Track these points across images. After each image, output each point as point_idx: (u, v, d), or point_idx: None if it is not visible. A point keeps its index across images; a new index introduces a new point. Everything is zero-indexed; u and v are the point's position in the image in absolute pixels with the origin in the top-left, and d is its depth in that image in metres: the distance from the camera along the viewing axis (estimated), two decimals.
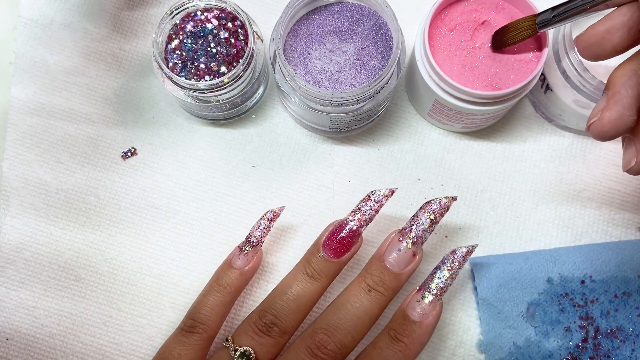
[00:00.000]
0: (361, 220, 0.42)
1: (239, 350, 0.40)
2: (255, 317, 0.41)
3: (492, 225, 0.51)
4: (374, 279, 0.40)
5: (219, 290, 0.43)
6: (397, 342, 0.39)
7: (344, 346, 0.39)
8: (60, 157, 0.51)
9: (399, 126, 0.53)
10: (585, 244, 0.50)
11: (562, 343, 0.47)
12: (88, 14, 0.54)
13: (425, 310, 0.40)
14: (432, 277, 0.41)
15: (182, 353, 0.41)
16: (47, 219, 0.50)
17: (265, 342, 0.40)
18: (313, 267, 0.41)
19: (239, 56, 0.47)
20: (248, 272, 0.44)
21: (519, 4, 0.46)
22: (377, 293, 0.40)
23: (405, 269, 0.40)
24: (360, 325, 0.39)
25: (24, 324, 0.49)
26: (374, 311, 0.40)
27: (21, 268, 0.50)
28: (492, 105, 0.45)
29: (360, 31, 0.46)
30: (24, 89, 0.52)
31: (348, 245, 0.41)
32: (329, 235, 0.42)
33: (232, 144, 0.52)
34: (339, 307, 0.40)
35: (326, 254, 0.41)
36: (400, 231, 0.41)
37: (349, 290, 0.41)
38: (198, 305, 0.43)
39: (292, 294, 0.41)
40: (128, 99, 0.53)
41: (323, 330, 0.39)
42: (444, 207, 0.41)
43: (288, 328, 0.41)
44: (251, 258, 0.44)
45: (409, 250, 0.40)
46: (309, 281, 0.41)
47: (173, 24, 0.47)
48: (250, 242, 0.44)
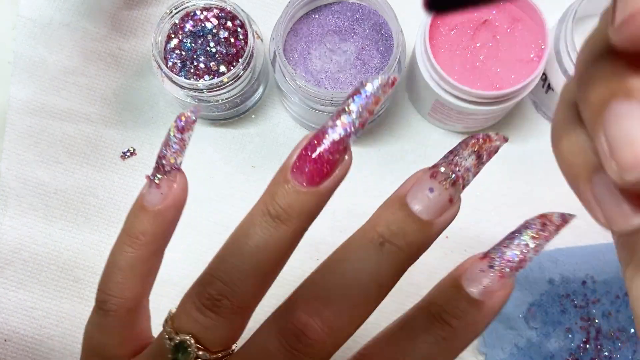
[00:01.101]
0: (346, 124, 0.25)
1: (175, 339, 0.26)
2: (198, 287, 0.27)
3: (493, 226, 0.51)
4: (391, 227, 0.25)
5: (128, 242, 0.29)
6: (441, 323, 0.25)
7: (336, 330, 0.25)
8: (59, 157, 0.51)
9: (399, 126, 0.53)
10: (586, 244, 0.50)
11: (563, 344, 0.47)
12: (87, 13, 0.53)
13: (491, 286, 0.25)
14: (506, 244, 0.27)
15: (103, 340, 0.29)
16: (45, 220, 0.50)
17: (211, 324, 0.26)
18: (278, 203, 0.25)
19: (238, 56, 0.47)
20: (166, 210, 0.29)
21: (521, 4, 0.46)
22: (394, 248, 0.25)
23: (437, 219, 0.25)
24: (363, 297, 0.25)
25: (22, 325, 0.48)
26: (385, 277, 0.25)
27: (19, 269, 0.49)
28: (493, 105, 0.45)
29: (360, 31, 0.46)
30: (23, 88, 0.52)
31: (330, 164, 0.25)
32: (301, 152, 0.25)
33: (232, 144, 0.52)
34: (332, 269, 0.25)
35: (296, 179, 0.25)
36: (431, 167, 0.26)
37: (349, 245, 0.26)
38: (106, 269, 0.29)
39: (248, 248, 0.26)
40: (127, 98, 0.52)
41: (303, 305, 0.25)
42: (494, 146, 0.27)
43: (245, 300, 0.26)
44: (167, 191, 0.28)
45: (445, 193, 0.25)
46: (273, 225, 0.25)
47: (172, 24, 0.47)
48: (161, 168, 0.28)
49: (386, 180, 0.51)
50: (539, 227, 0.27)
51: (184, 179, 0.29)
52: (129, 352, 0.29)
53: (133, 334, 0.30)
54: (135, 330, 0.30)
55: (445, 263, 0.50)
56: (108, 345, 0.29)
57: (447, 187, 0.25)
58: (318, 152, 0.25)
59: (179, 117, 0.28)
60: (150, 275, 0.31)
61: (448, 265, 0.53)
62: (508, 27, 0.46)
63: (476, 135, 0.27)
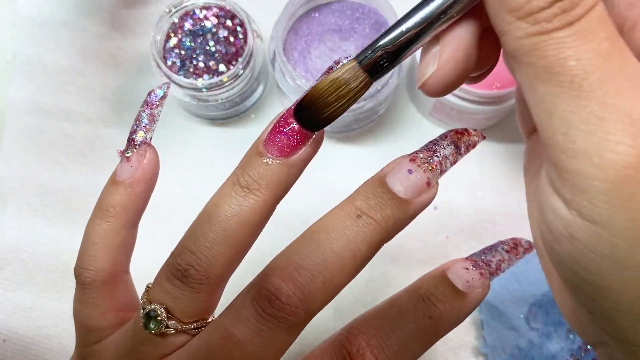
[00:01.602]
0: None
1: (146, 309, 0.27)
2: (170, 258, 0.27)
3: (493, 226, 0.50)
4: (368, 202, 0.26)
5: (100, 214, 0.30)
6: (428, 304, 0.27)
7: (309, 297, 0.24)
8: (57, 156, 0.51)
9: (400, 126, 0.52)
10: None
11: (564, 345, 0.47)
12: (86, 12, 0.53)
13: (473, 281, 0.28)
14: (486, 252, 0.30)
15: (85, 313, 0.30)
16: (44, 220, 0.50)
17: (180, 294, 0.26)
18: (249, 174, 0.27)
19: (238, 55, 0.46)
20: (136, 182, 0.30)
21: None
22: (370, 220, 0.25)
23: (415, 199, 0.26)
24: (338, 265, 0.24)
25: (21, 325, 0.48)
26: (360, 248, 0.25)
27: (18, 269, 0.49)
28: (494, 104, 0.45)
29: (360, 29, 0.46)
30: (22, 88, 0.52)
31: (301, 136, 0.27)
32: (273, 128, 0.27)
33: (231, 144, 0.52)
34: (309, 238, 0.25)
35: (267, 151, 0.27)
36: (412, 153, 0.28)
37: (326, 216, 0.26)
38: (82, 244, 0.31)
39: (216, 217, 0.26)
40: (126, 98, 0.52)
41: (278, 271, 0.25)
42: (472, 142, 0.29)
43: (212, 270, 0.26)
44: (137, 164, 0.30)
45: (424, 175, 0.27)
46: (242, 194, 0.26)
47: (171, 23, 0.47)
48: (132, 142, 0.30)
49: None
50: (511, 245, 0.31)
51: (154, 154, 0.30)
52: (112, 323, 0.30)
53: (113, 306, 0.31)
54: (115, 303, 0.31)
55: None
56: (91, 316, 0.30)
57: (425, 171, 0.27)
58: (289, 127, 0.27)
59: (149, 93, 0.30)
60: (123, 247, 0.31)
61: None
62: None
63: (456, 129, 0.28)
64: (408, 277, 0.50)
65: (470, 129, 0.29)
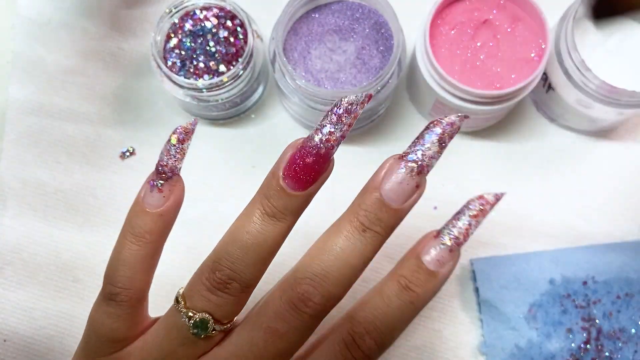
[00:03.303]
0: (331, 140, 0.31)
1: (195, 317, 0.32)
2: (208, 272, 0.33)
3: (493, 225, 0.50)
4: (369, 216, 0.32)
5: (135, 241, 0.34)
6: (408, 291, 0.33)
7: (333, 297, 0.32)
8: (58, 157, 0.51)
9: (399, 126, 0.52)
10: (587, 244, 0.50)
11: (564, 344, 0.47)
12: (86, 12, 0.53)
13: (443, 259, 0.33)
14: (453, 223, 0.34)
15: (114, 326, 0.34)
16: (45, 220, 0.50)
17: (223, 302, 0.32)
18: (273, 204, 0.32)
19: (238, 55, 0.46)
20: (168, 211, 0.34)
21: (521, 3, 0.46)
22: (374, 233, 0.32)
23: (405, 204, 0.32)
24: (352, 273, 0.32)
25: (22, 325, 0.48)
26: (368, 255, 0.32)
27: (19, 269, 0.49)
28: (494, 104, 0.45)
29: (360, 30, 0.46)
30: (22, 88, 0.52)
31: (317, 172, 0.32)
32: (291, 161, 0.31)
33: (232, 144, 0.52)
34: (326, 252, 0.32)
35: (288, 185, 0.31)
36: (400, 157, 0.32)
37: (337, 231, 0.32)
38: (114, 264, 0.34)
39: (249, 239, 0.32)
40: (126, 98, 0.52)
41: (307, 280, 0.31)
42: (455, 127, 0.32)
43: (250, 282, 0.33)
44: (168, 194, 0.34)
45: (412, 181, 0.32)
46: (271, 222, 0.32)
47: (172, 23, 0.47)
48: (162, 174, 0.34)
49: None
50: (478, 207, 0.34)
51: (182, 183, 0.35)
52: (135, 334, 0.35)
53: (139, 319, 0.35)
54: (141, 317, 0.36)
55: None
56: (119, 329, 0.34)
57: (414, 177, 0.32)
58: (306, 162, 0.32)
59: (179, 129, 0.34)
60: (154, 268, 0.36)
61: None
62: (509, 27, 0.46)
63: (441, 124, 0.32)
64: None
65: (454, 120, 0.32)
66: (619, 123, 0.51)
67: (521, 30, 0.46)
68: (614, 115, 0.47)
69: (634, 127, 0.52)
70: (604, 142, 0.52)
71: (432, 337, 0.48)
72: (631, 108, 0.45)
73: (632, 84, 0.45)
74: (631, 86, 0.44)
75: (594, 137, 0.52)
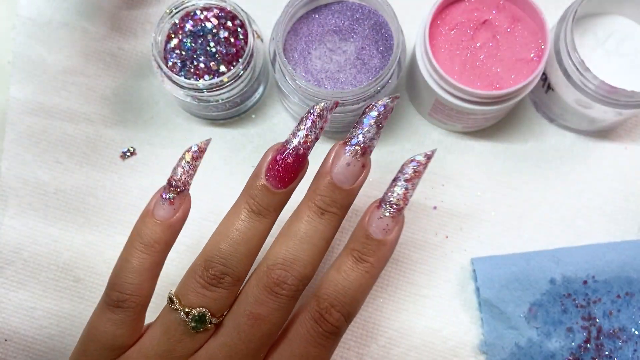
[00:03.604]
0: (307, 141, 0.35)
1: (192, 312, 0.35)
2: (201, 270, 0.35)
3: (493, 225, 0.51)
4: (325, 200, 0.35)
5: (144, 250, 0.36)
6: (362, 262, 0.36)
7: (304, 277, 0.35)
8: (58, 157, 0.51)
9: (399, 126, 0.53)
10: (587, 244, 0.50)
11: (564, 344, 0.47)
12: (86, 13, 0.53)
13: (388, 226, 0.36)
14: (391, 190, 0.36)
15: (117, 333, 0.35)
16: (45, 220, 0.50)
17: (218, 296, 0.35)
18: (258, 202, 0.35)
19: (238, 55, 0.47)
20: (177, 223, 0.37)
21: (521, 3, 0.46)
22: (331, 214, 0.36)
23: (355, 183, 0.36)
24: (318, 252, 0.35)
25: (23, 325, 0.48)
26: (330, 234, 0.36)
27: (20, 269, 0.49)
28: (493, 105, 0.45)
29: (360, 30, 0.46)
30: (23, 88, 0.52)
31: (295, 171, 0.36)
32: (271, 163, 0.35)
33: (232, 144, 0.52)
34: (292, 237, 0.35)
35: (271, 184, 0.35)
36: (344, 142, 0.36)
37: (299, 217, 0.36)
38: (122, 272, 0.35)
39: (239, 236, 0.35)
40: (127, 98, 0.52)
41: (279, 265, 0.35)
42: (388, 108, 0.36)
43: (241, 275, 0.36)
44: (178, 206, 0.37)
45: (358, 162, 0.36)
46: (256, 219, 0.35)
47: (172, 23, 0.47)
48: (173, 188, 0.37)
49: (386, 179, 0.51)
50: (411, 170, 0.36)
51: (190, 197, 0.38)
52: (135, 341, 0.36)
53: (141, 325, 0.37)
54: (142, 323, 0.37)
55: (445, 263, 0.50)
56: (122, 336, 0.36)
57: (358, 158, 0.36)
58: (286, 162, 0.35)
59: (194, 147, 0.37)
60: (158, 275, 0.37)
61: (448, 265, 0.53)
62: (508, 27, 0.46)
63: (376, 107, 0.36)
64: (408, 276, 0.50)
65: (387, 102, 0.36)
66: (618, 123, 0.51)
67: (520, 30, 0.46)
68: (613, 116, 0.47)
69: (633, 127, 0.53)
70: (603, 142, 0.52)
71: (432, 337, 0.48)
72: (630, 108, 0.45)
73: (631, 84, 0.45)
74: (630, 86, 0.44)
75: (593, 137, 0.52)
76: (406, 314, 0.49)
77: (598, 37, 0.48)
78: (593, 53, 0.47)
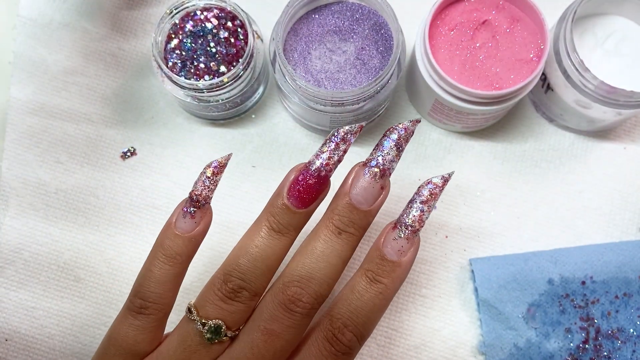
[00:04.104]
0: (330, 164, 0.36)
1: (208, 324, 0.36)
2: (220, 283, 0.36)
3: (492, 225, 0.51)
4: (343, 220, 0.36)
5: (166, 261, 0.37)
6: (376, 283, 0.36)
7: (319, 296, 0.36)
8: (59, 157, 0.51)
9: None
10: (586, 244, 0.50)
11: (562, 344, 0.47)
12: (87, 13, 0.53)
13: (403, 248, 0.36)
14: (407, 212, 0.37)
15: (138, 339, 0.37)
16: (46, 219, 0.50)
17: (235, 309, 0.36)
18: (279, 221, 0.36)
19: (238, 56, 0.47)
20: (198, 236, 0.38)
21: (520, 4, 0.46)
22: (348, 234, 0.36)
23: (374, 205, 0.36)
24: (334, 271, 0.36)
25: (23, 325, 0.49)
26: (346, 254, 0.36)
27: (20, 268, 0.49)
28: (493, 105, 0.45)
29: (360, 31, 0.46)
30: (23, 88, 0.52)
31: (316, 192, 0.36)
32: (293, 183, 0.36)
33: (232, 144, 0.52)
34: (309, 255, 0.36)
35: (292, 204, 0.36)
36: (364, 164, 0.37)
37: (317, 235, 0.36)
38: (145, 281, 0.37)
39: (258, 252, 0.36)
40: (127, 98, 0.53)
41: (295, 283, 0.35)
42: (409, 131, 0.36)
43: (258, 290, 0.36)
44: (199, 220, 0.37)
45: (377, 184, 0.36)
46: (276, 237, 0.36)
47: (172, 24, 0.47)
48: (195, 202, 0.37)
49: None
50: (427, 193, 0.37)
51: (211, 212, 0.38)
52: (153, 349, 0.38)
53: (160, 334, 0.38)
54: (162, 332, 0.38)
55: (445, 263, 0.50)
56: (142, 342, 0.37)
57: (377, 180, 0.36)
58: (308, 184, 0.36)
59: (215, 163, 0.37)
60: (178, 287, 0.38)
61: (448, 265, 0.53)
62: (507, 27, 0.46)
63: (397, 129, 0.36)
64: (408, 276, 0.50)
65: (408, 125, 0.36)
66: (617, 123, 0.51)
67: (520, 30, 0.46)
68: (612, 116, 0.47)
69: (632, 127, 0.53)
70: (602, 142, 0.52)
71: (431, 337, 0.48)
72: (629, 108, 0.45)
73: (631, 84, 0.45)
74: (629, 86, 0.44)
75: (592, 137, 0.52)
76: (406, 314, 0.49)
77: (597, 37, 0.48)
78: (592, 53, 0.48)
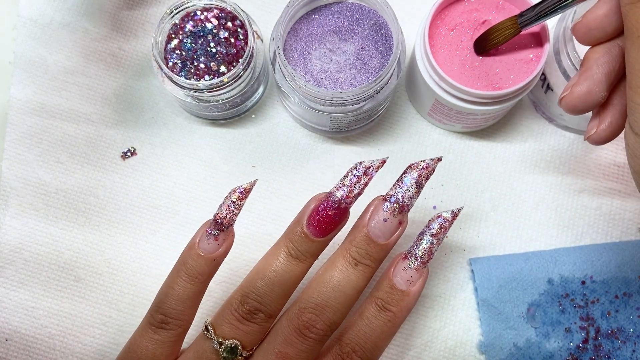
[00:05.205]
0: (350, 196, 0.38)
1: (225, 343, 0.37)
2: (237, 304, 0.38)
3: (492, 225, 0.51)
4: (360, 252, 0.38)
5: (189, 280, 0.38)
6: (385, 311, 0.38)
7: (333, 323, 0.37)
8: (59, 157, 0.51)
9: (399, 126, 0.53)
10: (585, 244, 0.50)
11: (562, 344, 0.47)
12: (87, 13, 0.53)
13: (412, 278, 0.38)
14: (417, 244, 0.39)
15: (157, 352, 0.38)
16: (46, 219, 0.50)
17: (251, 330, 0.37)
18: (297, 248, 0.38)
19: (238, 56, 0.47)
20: (219, 257, 0.39)
21: (520, 4, 0.46)
22: (364, 266, 0.38)
23: (390, 239, 0.38)
24: (348, 301, 0.37)
25: (24, 325, 0.49)
26: (361, 285, 0.38)
27: (20, 268, 0.49)
28: (493, 105, 0.45)
29: (360, 31, 0.46)
30: (23, 88, 0.52)
31: (335, 223, 0.38)
32: (313, 212, 0.38)
33: (232, 144, 0.52)
34: (325, 284, 0.38)
35: (311, 232, 0.38)
36: (383, 198, 0.38)
37: (333, 265, 0.38)
38: (167, 297, 0.38)
39: (275, 276, 0.37)
40: (128, 98, 0.53)
41: (310, 309, 0.37)
42: (430, 169, 0.38)
43: (273, 313, 0.38)
44: (222, 242, 0.39)
45: (395, 220, 0.38)
46: (293, 262, 0.38)
47: (173, 24, 0.47)
48: (219, 225, 0.39)
49: (386, 179, 0.51)
50: (437, 226, 0.38)
51: (233, 235, 0.40)
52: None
53: (178, 349, 0.39)
54: (180, 347, 0.40)
55: (444, 263, 0.50)
56: (161, 356, 0.38)
57: (396, 215, 0.38)
58: (327, 214, 0.37)
59: (240, 189, 0.38)
60: (198, 305, 0.40)
61: (448, 265, 0.53)
62: None
63: (418, 167, 0.38)
64: None
65: (429, 163, 0.38)
66: None
67: None
68: None
69: None
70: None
71: (431, 336, 0.48)
72: None
73: None
74: None
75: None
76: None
77: None
78: None
